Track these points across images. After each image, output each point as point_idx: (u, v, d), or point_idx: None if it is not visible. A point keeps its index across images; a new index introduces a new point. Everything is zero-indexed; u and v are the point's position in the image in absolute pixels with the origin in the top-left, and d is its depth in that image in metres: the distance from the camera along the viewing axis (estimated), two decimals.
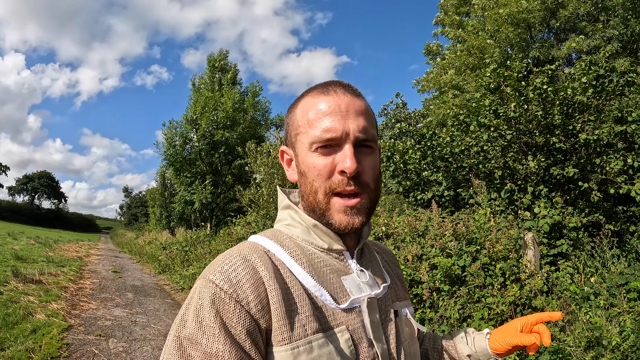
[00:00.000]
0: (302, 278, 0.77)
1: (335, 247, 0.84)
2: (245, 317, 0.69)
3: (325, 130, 0.78)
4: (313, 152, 0.80)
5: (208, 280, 0.72)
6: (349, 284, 0.81)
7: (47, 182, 69.70)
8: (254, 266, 0.74)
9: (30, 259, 11.63)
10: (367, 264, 0.90)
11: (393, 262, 1.06)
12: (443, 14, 15.29)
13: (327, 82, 0.86)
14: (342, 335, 0.75)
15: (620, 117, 5.68)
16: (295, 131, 0.85)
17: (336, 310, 0.77)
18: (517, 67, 6.47)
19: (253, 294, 0.71)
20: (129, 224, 65.23)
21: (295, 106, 0.87)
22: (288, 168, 0.90)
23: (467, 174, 7.00)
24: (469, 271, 4.19)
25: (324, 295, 0.77)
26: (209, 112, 17.61)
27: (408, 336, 0.89)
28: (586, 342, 3.24)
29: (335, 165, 0.79)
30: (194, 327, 0.69)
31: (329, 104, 0.81)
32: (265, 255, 0.77)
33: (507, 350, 0.97)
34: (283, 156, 0.91)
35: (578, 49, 10.34)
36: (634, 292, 3.57)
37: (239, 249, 0.78)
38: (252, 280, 0.72)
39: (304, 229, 0.85)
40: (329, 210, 0.81)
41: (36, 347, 4.47)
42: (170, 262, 12.61)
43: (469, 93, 11.26)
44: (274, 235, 0.85)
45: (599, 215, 5.37)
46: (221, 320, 0.68)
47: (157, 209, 25.26)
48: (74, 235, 36.95)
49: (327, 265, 0.82)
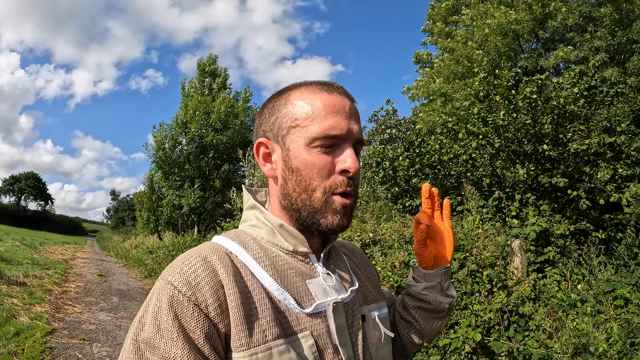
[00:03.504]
0: (265, 281, 0.75)
1: (300, 250, 0.81)
2: (204, 320, 0.67)
3: (331, 127, 0.76)
4: (312, 149, 0.77)
5: (167, 281, 0.70)
6: (315, 288, 0.79)
7: (33, 184, 68.76)
8: (213, 268, 0.71)
9: (14, 260, 11.47)
10: (334, 267, 0.87)
11: (363, 263, 1.02)
12: (431, 22, 15.44)
13: (324, 81, 0.84)
14: (305, 341, 0.73)
15: (608, 126, 5.76)
16: (289, 124, 0.80)
17: (300, 314, 0.75)
18: (506, 76, 6.54)
19: (212, 297, 0.68)
20: (115, 228, 64.61)
21: (288, 97, 0.82)
22: (265, 163, 0.85)
23: (455, 182, 7.04)
24: (456, 278, 4.19)
25: (288, 299, 0.75)
26: (199, 116, 17.58)
27: (376, 340, 0.87)
28: (573, 349, 3.26)
29: (334, 164, 0.78)
30: (151, 331, 0.67)
31: (335, 103, 0.79)
32: (227, 257, 0.75)
33: (425, 257, 0.93)
34: (259, 149, 0.85)
35: (566, 59, 10.49)
36: (621, 299, 3.60)
37: (200, 250, 0.75)
38: (211, 282, 0.70)
39: (269, 229, 0.82)
40: (324, 210, 0.78)
41: (19, 350, 4.40)
42: (157, 267, 12.50)
43: (458, 101, 11.35)
44: (237, 236, 0.82)
45: (586, 223, 5.42)
46: (179, 323, 0.67)
47: (144, 212, 25.03)
48: (60, 237, 36.50)
49: (292, 269, 0.79)
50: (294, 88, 0.84)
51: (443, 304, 0.98)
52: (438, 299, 0.97)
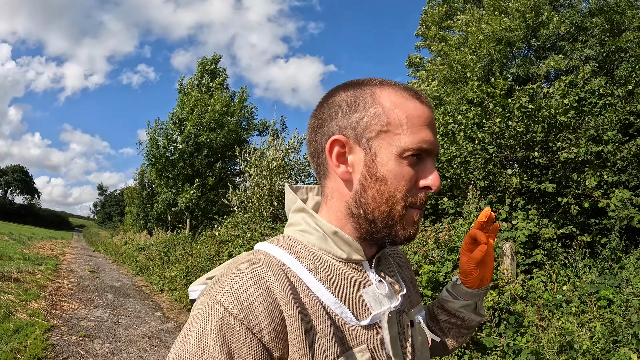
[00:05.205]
0: (321, 295, 0.70)
1: (354, 258, 0.77)
2: (256, 346, 0.62)
3: (424, 141, 0.72)
4: (402, 160, 0.71)
5: (215, 301, 0.64)
6: (369, 298, 0.75)
7: (20, 177, 67.81)
8: (268, 285, 0.65)
9: (6, 256, 11.40)
10: (385, 272, 0.83)
11: (405, 263, 0.99)
12: (424, 27, 15.63)
13: (409, 86, 0.78)
14: (362, 355, 0.69)
15: (596, 135, 6.00)
16: (379, 127, 0.72)
17: (357, 327, 0.71)
18: (500, 84, 6.74)
19: (267, 319, 0.62)
20: (102, 223, 63.87)
21: (375, 96, 0.74)
22: (339, 164, 0.75)
23: (447, 184, 7.22)
24: (450, 278, 4.37)
25: (345, 312, 0.70)
26: (196, 114, 17.57)
27: (421, 345, 0.85)
28: (559, 347, 3.44)
29: (418, 178, 0.74)
30: (195, 355, 0.61)
31: (427, 114, 0.74)
32: (281, 271, 0.68)
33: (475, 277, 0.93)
34: (334, 148, 0.75)
35: (557, 68, 10.73)
36: (604, 300, 3.76)
37: (251, 264, 0.68)
38: (266, 303, 0.63)
39: (321, 236, 0.76)
40: (401, 223, 0.74)
41: (21, 348, 4.44)
42: (149, 263, 12.50)
43: (450, 104, 11.54)
44: (288, 244, 0.75)
45: (572, 227, 5.62)
46: (228, 349, 0.61)
47: (134, 208, 24.86)
48: (47, 232, 36.16)
49: (346, 278, 0.74)
50: (379, 85, 0.76)
51: (474, 322, 0.99)
52: (472, 317, 0.98)
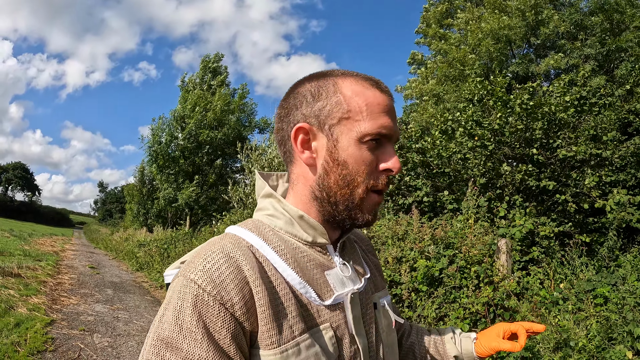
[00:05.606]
0: (287, 275, 0.74)
1: (319, 241, 0.81)
2: (230, 320, 0.65)
3: (383, 126, 0.76)
4: (362, 144, 0.76)
5: (189, 279, 0.67)
6: (333, 279, 0.79)
7: (21, 174, 67.94)
8: (238, 264, 0.69)
9: (6, 252, 11.48)
10: (349, 256, 0.87)
11: (370, 250, 1.04)
12: (425, 25, 15.64)
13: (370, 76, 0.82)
14: (326, 332, 0.73)
15: (595, 134, 6.01)
16: (340, 114, 0.76)
17: (320, 307, 0.75)
18: (500, 82, 6.75)
19: (238, 295, 0.66)
20: (103, 220, 64.03)
21: (337, 85, 0.78)
22: (304, 150, 0.79)
23: (446, 180, 7.24)
24: (446, 273, 4.39)
25: (309, 292, 0.74)
26: (198, 112, 17.62)
27: (386, 327, 0.88)
28: (555, 344, 3.46)
29: (378, 162, 0.78)
30: (174, 331, 0.65)
31: (386, 102, 0.78)
32: (249, 252, 0.73)
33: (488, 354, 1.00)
34: (298, 135, 0.79)
35: (556, 67, 10.72)
36: (600, 297, 3.79)
37: (222, 244, 0.72)
38: (236, 280, 0.67)
39: (287, 220, 0.80)
40: (361, 206, 0.78)
41: (21, 341, 4.48)
42: (149, 260, 12.55)
43: (449, 102, 11.55)
44: (256, 227, 0.80)
45: (570, 226, 5.64)
46: (204, 324, 0.64)
47: (134, 205, 24.91)
48: (47, 229, 36.19)
49: (311, 260, 0.78)
50: (341, 76, 0.80)
51: None
52: None
